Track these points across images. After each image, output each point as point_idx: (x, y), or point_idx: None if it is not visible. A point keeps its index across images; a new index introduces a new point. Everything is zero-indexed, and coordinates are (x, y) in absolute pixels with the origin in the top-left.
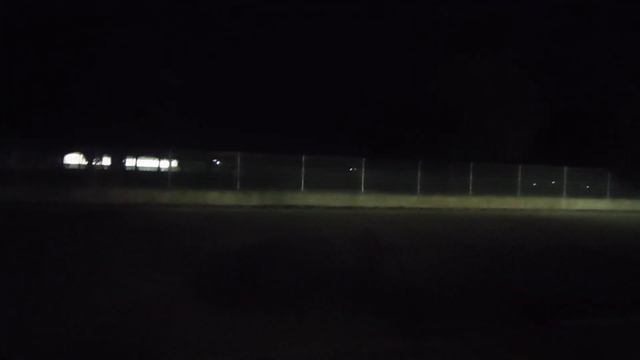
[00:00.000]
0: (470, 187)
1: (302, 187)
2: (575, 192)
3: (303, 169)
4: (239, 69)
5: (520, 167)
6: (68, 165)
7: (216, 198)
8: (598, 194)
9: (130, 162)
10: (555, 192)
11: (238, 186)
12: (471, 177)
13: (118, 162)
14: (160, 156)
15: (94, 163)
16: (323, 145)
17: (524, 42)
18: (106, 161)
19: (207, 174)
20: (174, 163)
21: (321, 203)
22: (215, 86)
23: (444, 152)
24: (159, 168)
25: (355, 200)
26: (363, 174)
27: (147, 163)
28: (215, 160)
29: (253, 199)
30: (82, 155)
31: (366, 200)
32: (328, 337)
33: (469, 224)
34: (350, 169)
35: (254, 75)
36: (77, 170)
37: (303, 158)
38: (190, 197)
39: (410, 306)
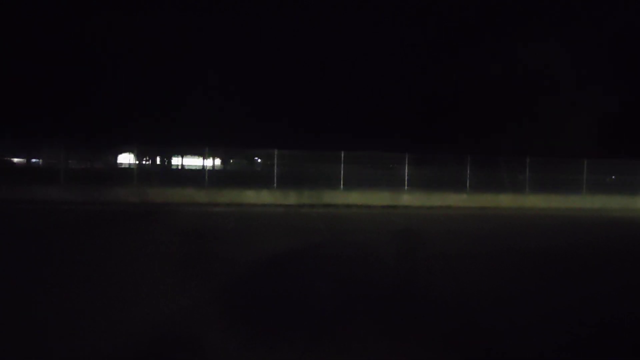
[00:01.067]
0: (527, 185)
1: (342, 185)
2: None
3: (342, 166)
4: (277, 64)
5: (585, 161)
6: (110, 164)
7: (253, 197)
8: None
9: (169, 161)
10: (631, 189)
11: (275, 184)
12: (528, 173)
13: (158, 161)
14: (198, 154)
15: (134, 162)
16: (363, 140)
17: (589, 17)
18: (146, 160)
19: (244, 172)
20: (216, 161)
21: (362, 202)
22: (254, 82)
23: (495, 146)
24: (203, 166)
25: (398, 199)
26: (406, 170)
27: (187, 162)
28: (256, 158)
29: (290, 198)
30: (122, 155)
31: (410, 198)
32: None
33: (527, 226)
34: (391, 165)
35: (292, 70)
36: (118, 170)
37: (342, 154)
38: (227, 196)
39: (479, 337)
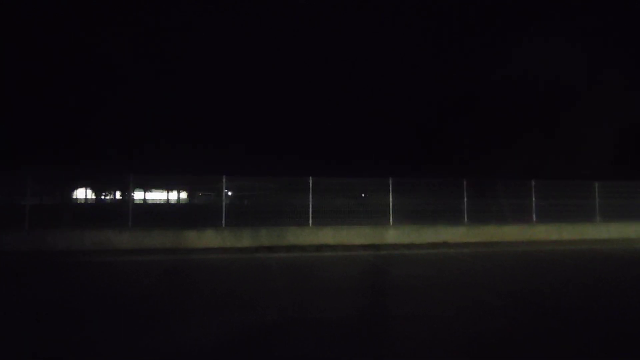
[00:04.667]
0: (534, 213)
1: (310, 220)
2: None
3: (311, 196)
4: (228, 76)
5: (597, 184)
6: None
7: (194, 239)
8: None
9: (80, 195)
10: None
11: (223, 222)
12: (534, 199)
13: (62, 196)
14: (121, 186)
15: (26, 198)
16: (336, 165)
17: (601, 21)
18: (46, 195)
19: (194, 206)
20: (180, 195)
21: (336, 241)
22: (207, 105)
23: (495, 169)
24: (129, 202)
25: (382, 236)
26: (391, 199)
27: (107, 195)
28: (226, 190)
29: (243, 239)
30: (9, 190)
31: (397, 235)
32: None
33: (555, 269)
34: (364, 195)
35: (247, 83)
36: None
37: (310, 181)
38: (157, 238)
39: None
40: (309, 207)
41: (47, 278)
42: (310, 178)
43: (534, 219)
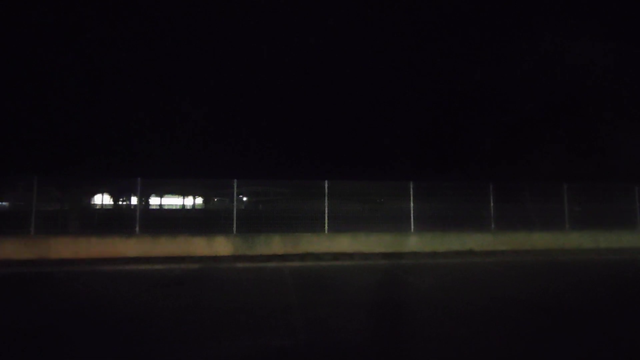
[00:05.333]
0: (567, 219)
1: (326, 226)
2: None
3: (326, 201)
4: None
5: (637, 188)
6: None
7: (204, 246)
8: None
9: (97, 201)
10: None
11: (234, 228)
12: (566, 204)
13: (79, 201)
14: (133, 191)
15: (33, 203)
16: (353, 168)
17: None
18: (64, 201)
19: (206, 212)
20: (196, 201)
21: (354, 249)
22: (216, 108)
23: (522, 171)
24: (139, 206)
25: (403, 243)
26: (412, 204)
27: (124, 200)
28: (241, 195)
29: (255, 246)
30: (14, 192)
31: (419, 242)
32: None
33: (601, 282)
34: (381, 201)
35: (257, 81)
36: (7, 213)
37: (326, 185)
38: (166, 246)
39: None
40: (324, 213)
41: (40, 291)
42: (326, 182)
43: (567, 226)
